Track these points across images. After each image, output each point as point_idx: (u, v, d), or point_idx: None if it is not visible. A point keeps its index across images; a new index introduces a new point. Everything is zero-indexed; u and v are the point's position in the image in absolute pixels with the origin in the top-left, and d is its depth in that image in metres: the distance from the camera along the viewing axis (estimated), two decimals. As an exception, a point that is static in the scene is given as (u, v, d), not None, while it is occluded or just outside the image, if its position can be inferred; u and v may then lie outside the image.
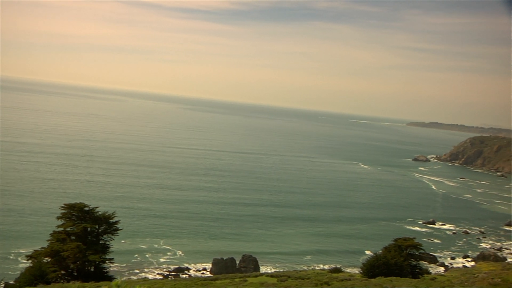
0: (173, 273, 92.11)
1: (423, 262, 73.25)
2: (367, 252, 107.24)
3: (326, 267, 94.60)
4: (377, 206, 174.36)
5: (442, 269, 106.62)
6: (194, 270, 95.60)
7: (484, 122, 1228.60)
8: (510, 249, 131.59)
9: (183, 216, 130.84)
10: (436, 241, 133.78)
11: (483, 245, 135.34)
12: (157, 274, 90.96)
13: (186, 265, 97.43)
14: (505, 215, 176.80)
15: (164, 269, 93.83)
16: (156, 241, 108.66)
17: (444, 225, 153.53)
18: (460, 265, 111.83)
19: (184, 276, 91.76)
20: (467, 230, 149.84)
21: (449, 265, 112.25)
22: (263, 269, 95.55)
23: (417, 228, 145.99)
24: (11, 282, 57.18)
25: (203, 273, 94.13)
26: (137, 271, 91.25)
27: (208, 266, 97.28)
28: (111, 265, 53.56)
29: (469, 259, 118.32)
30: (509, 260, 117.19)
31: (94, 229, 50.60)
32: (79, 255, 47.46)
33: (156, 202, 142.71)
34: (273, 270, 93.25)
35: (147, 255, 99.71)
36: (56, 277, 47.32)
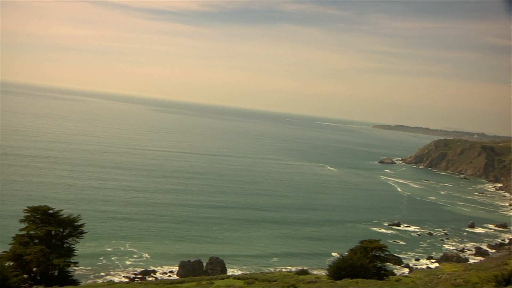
0: (139, 276, 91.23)
1: (388, 263, 74.23)
2: (334, 254, 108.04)
3: (293, 269, 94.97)
4: (343, 208, 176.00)
5: (406, 270, 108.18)
6: (160, 273, 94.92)
7: (448, 126, 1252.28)
8: (472, 250, 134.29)
9: (149, 219, 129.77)
10: (401, 242, 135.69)
11: (446, 246, 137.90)
12: (123, 277, 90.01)
13: (152, 267, 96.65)
14: (467, 217, 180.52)
15: (130, 272, 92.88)
16: (122, 243, 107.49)
17: (409, 227, 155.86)
18: (424, 266, 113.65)
19: (150, 279, 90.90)
20: (431, 231, 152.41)
21: (414, 266, 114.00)
22: (230, 272, 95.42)
23: (383, 230, 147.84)
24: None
25: (169, 276, 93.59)
26: (103, 274, 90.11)
27: (175, 268, 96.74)
28: (76, 268, 52.80)
29: (433, 260, 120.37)
30: (471, 261, 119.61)
31: (58, 232, 49.75)
32: (43, 259, 46.62)
33: (122, 204, 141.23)
34: (240, 273, 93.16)
35: (112, 258, 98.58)
36: (19, 281, 46.35)
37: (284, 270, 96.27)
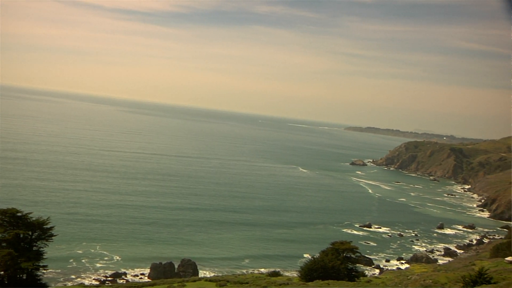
0: (110, 279, 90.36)
1: (359, 264, 74.90)
2: (305, 256, 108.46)
3: (265, 271, 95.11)
4: (315, 210, 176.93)
5: (377, 271, 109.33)
6: (131, 275, 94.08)
7: (418, 128, 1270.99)
8: (441, 251, 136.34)
9: (120, 221, 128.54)
10: (372, 244, 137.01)
11: (416, 247, 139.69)
12: (94, 279, 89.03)
13: (123, 270, 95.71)
14: (437, 218, 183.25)
15: (101, 275, 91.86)
16: (92, 246, 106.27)
17: (380, 228, 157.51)
18: (395, 267, 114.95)
19: (121, 281, 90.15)
20: (402, 233, 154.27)
21: (384, 267, 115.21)
22: (202, 274, 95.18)
23: (354, 232, 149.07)
24: None
25: (141, 278, 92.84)
26: (73, 277, 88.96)
27: (146, 271, 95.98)
28: (45, 272, 52.00)
29: (403, 261, 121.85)
30: (440, 261, 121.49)
31: (27, 236, 48.92)
32: (11, 262, 45.80)
33: (93, 206, 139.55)
34: (212, 275, 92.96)
35: (83, 260, 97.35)
36: (-14, 285, 45.50)
37: (256, 272, 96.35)
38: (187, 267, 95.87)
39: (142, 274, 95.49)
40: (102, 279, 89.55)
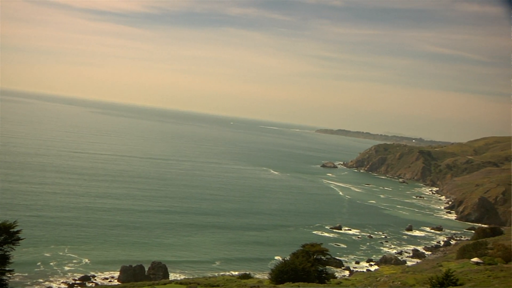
0: (78, 282, 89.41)
1: (330, 266, 75.46)
2: (276, 258, 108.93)
3: (236, 273, 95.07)
4: (286, 212, 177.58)
5: (347, 273, 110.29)
6: (101, 279, 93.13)
7: (388, 130, 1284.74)
8: (409, 253, 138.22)
9: (90, 224, 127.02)
10: (342, 245, 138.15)
11: (386, 249, 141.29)
12: (62, 283, 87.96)
13: (92, 273, 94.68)
14: (406, 220, 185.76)
15: (70, 278, 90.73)
16: (61, 248, 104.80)
17: (350, 230, 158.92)
18: (364, 269, 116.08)
19: (90, 284, 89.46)
20: (371, 234, 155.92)
21: (354, 269, 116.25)
22: (172, 276, 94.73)
23: (325, 234, 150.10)
24: None
25: (110, 281, 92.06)
26: (41, 280, 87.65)
27: (116, 274, 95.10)
28: (11, 276, 51.09)
29: (373, 263, 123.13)
30: (408, 263, 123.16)
31: (-8, 240, 48.00)
32: (-24, 267, 44.89)
33: (62, 209, 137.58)
34: (182, 277, 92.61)
35: (51, 264, 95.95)
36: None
37: (227, 274, 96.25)
38: (157, 269, 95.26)
39: (112, 277, 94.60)
40: (70, 283, 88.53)
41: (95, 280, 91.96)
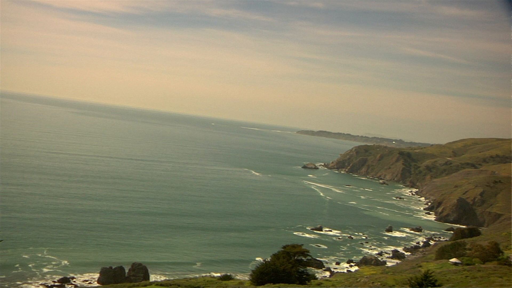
0: (57, 284, 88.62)
1: (310, 267, 75.83)
2: (257, 259, 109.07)
3: (217, 274, 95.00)
4: (267, 213, 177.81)
5: (327, 274, 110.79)
6: (80, 280, 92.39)
7: (368, 132, 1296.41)
8: (389, 253, 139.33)
9: (69, 225, 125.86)
10: (323, 246, 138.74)
11: (366, 250, 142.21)
12: (41, 285, 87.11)
13: (72, 275, 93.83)
14: (386, 221, 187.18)
15: (48, 280, 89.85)
16: (39, 250, 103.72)
17: (331, 231, 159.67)
18: (345, 270, 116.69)
19: (70, 286, 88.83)
20: (352, 235, 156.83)
21: (334, 270, 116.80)
22: (153, 278, 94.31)
23: (306, 235, 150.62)
24: None
25: (90, 283, 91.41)
26: (19, 283, 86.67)
27: (96, 275, 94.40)
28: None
29: (353, 264, 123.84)
30: (388, 264, 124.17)
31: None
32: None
33: (41, 210, 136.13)
34: (163, 279, 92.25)
35: (29, 265, 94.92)
36: None
37: (207, 276, 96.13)
38: (138, 271, 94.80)
39: (92, 278, 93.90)
40: (49, 285, 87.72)
41: (75, 282, 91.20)
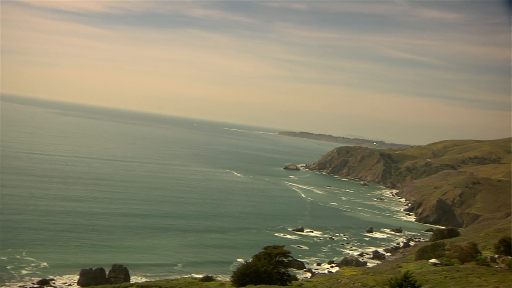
0: (36, 286, 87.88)
1: (292, 268, 76.10)
2: (239, 260, 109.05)
3: (198, 276, 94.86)
4: (249, 214, 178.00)
5: (309, 274, 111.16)
6: (60, 282, 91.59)
7: (350, 133, 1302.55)
8: (370, 254, 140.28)
9: (49, 227, 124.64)
10: (304, 247, 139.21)
11: (347, 250, 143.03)
12: (19, 287, 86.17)
13: (51, 276, 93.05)
14: (366, 222, 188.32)
15: (27, 282, 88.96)
16: (18, 251, 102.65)
17: (312, 232, 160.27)
18: (326, 271, 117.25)
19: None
20: (333, 236, 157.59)
21: (315, 270, 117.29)
22: (134, 279, 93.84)
23: (287, 236, 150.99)
24: None
25: (69, 285, 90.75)
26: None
27: (76, 277, 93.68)
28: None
29: (334, 265, 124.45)
30: (369, 264, 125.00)
31: None
32: None
33: (19, 211, 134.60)
34: (144, 280, 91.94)
35: (8, 267, 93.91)
36: None
37: (189, 277, 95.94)
38: (118, 273, 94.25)
39: (72, 280, 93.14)
40: (28, 286, 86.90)
41: (54, 283, 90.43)
